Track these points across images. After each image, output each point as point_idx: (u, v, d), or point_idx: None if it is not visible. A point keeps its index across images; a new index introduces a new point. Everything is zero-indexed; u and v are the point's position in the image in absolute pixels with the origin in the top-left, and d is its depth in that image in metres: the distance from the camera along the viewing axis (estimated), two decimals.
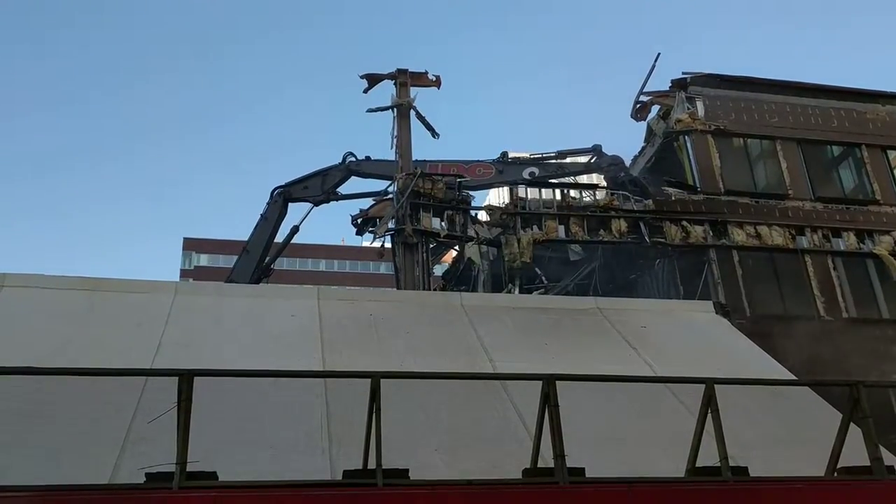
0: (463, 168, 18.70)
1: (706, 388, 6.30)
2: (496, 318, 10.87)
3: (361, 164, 18.68)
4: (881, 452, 6.56)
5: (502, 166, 18.97)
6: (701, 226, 17.43)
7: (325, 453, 6.83)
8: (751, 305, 16.55)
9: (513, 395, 8.08)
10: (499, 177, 18.91)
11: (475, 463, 6.82)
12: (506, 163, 19.07)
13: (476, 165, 18.84)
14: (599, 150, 19.41)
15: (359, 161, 18.64)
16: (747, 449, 6.96)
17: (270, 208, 18.25)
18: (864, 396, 6.58)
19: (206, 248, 59.18)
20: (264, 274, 18.03)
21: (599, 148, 19.45)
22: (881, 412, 14.23)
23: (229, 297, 10.88)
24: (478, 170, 18.78)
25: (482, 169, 18.82)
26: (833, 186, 19.32)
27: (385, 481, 5.50)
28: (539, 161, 19.40)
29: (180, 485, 5.17)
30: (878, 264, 17.84)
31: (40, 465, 5.99)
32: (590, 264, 18.79)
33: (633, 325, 11.16)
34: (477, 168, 18.80)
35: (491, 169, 18.88)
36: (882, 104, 20.19)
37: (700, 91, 19.27)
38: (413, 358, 9.13)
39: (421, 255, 16.50)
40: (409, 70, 18.81)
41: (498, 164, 18.97)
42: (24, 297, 9.51)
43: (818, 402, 9.18)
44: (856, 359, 15.87)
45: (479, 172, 18.76)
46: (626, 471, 6.30)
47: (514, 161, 19.26)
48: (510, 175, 19.05)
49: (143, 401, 6.93)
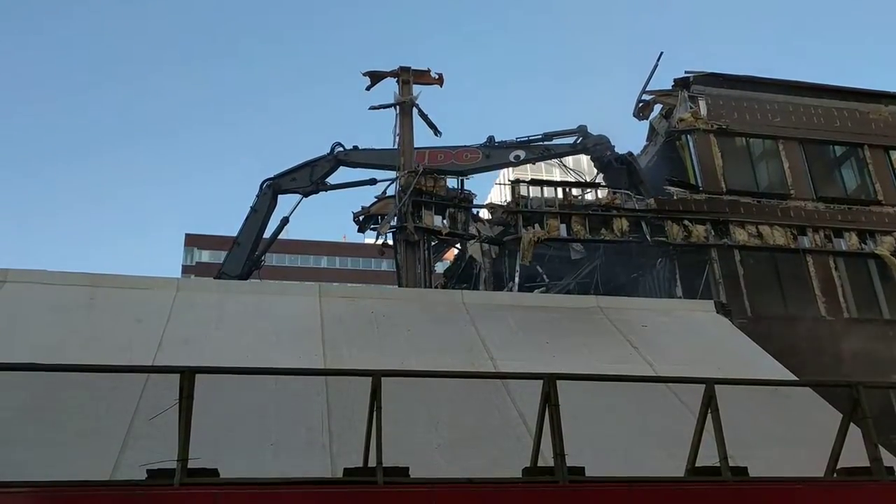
0: (450, 154, 18.59)
1: (706, 387, 6.31)
2: (497, 317, 10.88)
3: (349, 154, 18.62)
4: (881, 453, 6.56)
5: (489, 150, 18.78)
6: (703, 225, 17.40)
7: (326, 451, 6.85)
8: (752, 305, 16.53)
9: (513, 394, 8.09)
10: (486, 161, 18.77)
11: (475, 461, 6.83)
12: (492, 147, 18.87)
13: (463, 151, 18.72)
14: (585, 131, 19.16)
15: (347, 151, 18.57)
16: (747, 449, 6.97)
17: (260, 200, 18.26)
18: (864, 397, 6.58)
19: (208, 244, 59.10)
20: (255, 266, 18.02)
21: (585, 128, 19.21)
22: (881, 413, 14.21)
23: (231, 293, 10.89)
24: (465, 155, 18.66)
25: (469, 154, 18.70)
26: (835, 186, 19.28)
27: (385, 479, 5.51)
28: (525, 144, 19.23)
29: (181, 481, 5.18)
30: (880, 265, 17.81)
31: (41, 461, 6.01)
32: (591, 263, 18.76)
33: (634, 324, 11.17)
34: (464, 153, 18.69)
35: (478, 154, 18.75)
36: (885, 104, 20.13)
37: (703, 90, 19.23)
38: (414, 356, 9.14)
39: (423, 253, 16.50)
40: (412, 68, 18.78)
41: (484, 149, 18.77)
42: (26, 293, 9.53)
43: (818, 403, 9.19)
44: (856, 359, 15.86)
45: (466, 157, 18.63)
46: (626, 470, 6.31)
47: (501, 144, 19.11)
48: (497, 159, 18.97)
49: (145, 397, 6.95)
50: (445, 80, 18.85)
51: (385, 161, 18.30)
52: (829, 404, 9.02)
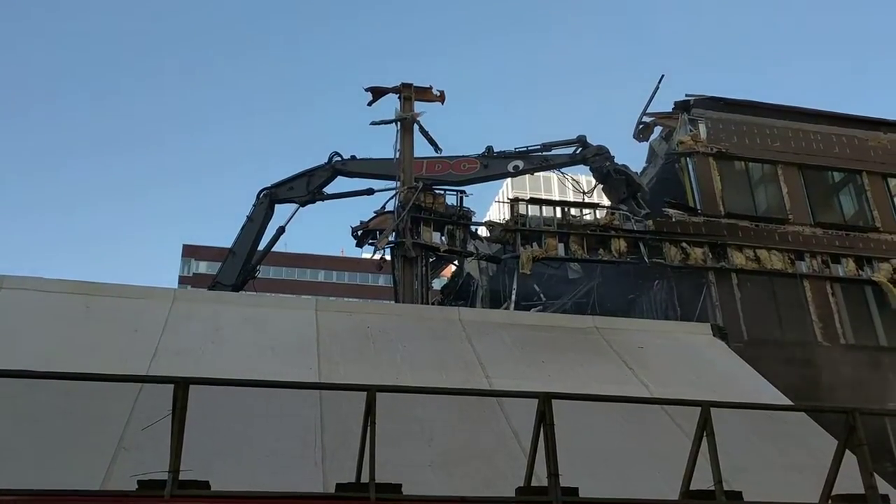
0: (447, 163, 18.53)
1: (702, 410, 6.28)
2: (494, 334, 10.86)
3: (347, 164, 18.57)
4: (875, 481, 6.53)
5: (487, 160, 18.68)
6: (700, 248, 17.43)
7: (319, 465, 6.81)
8: (748, 329, 16.53)
9: (508, 412, 8.05)
10: (484, 171, 18.68)
11: (469, 479, 6.80)
12: (490, 157, 18.78)
13: (461, 161, 18.67)
14: (584, 141, 19.04)
15: (344, 160, 18.51)
16: (742, 473, 6.95)
17: (256, 210, 18.21)
18: (860, 424, 6.55)
19: (205, 255, 59.06)
20: (250, 276, 17.97)
21: (584, 139, 19.08)
22: (877, 440, 14.19)
23: (227, 305, 10.86)
24: (462, 165, 18.61)
25: (467, 164, 18.65)
26: (833, 212, 19.34)
27: (378, 495, 5.48)
28: (524, 154, 19.18)
29: (172, 493, 5.14)
30: (877, 291, 17.83)
31: (32, 470, 5.97)
32: (588, 283, 18.76)
33: (631, 345, 11.14)
34: (462, 163, 18.63)
35: (476, 164, 18.69)
36: (884, 132, 20.25)
37: (703, 113, 19.34)
38: (409, 372, 9.11)
39: (420, 269, 16.49)
40: (414, 84, 18.84)
41: (483, 159, 18.71)
42: (21, 300, 9.49)
43: (814, 428, 9.16)
44: (852, 385, 15.84)
45: (464, 167, 18.58)
46: (620, 491, 6.28)
47: (499, 155, 19.06)
48: (495, 169, 18.87)
49: (138, 408, 6.90)
50: (447, 97, 18.91)
51: (382, 171, 18.27)
52: (824, 430, 9.00)
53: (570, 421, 6.42)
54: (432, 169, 18.29)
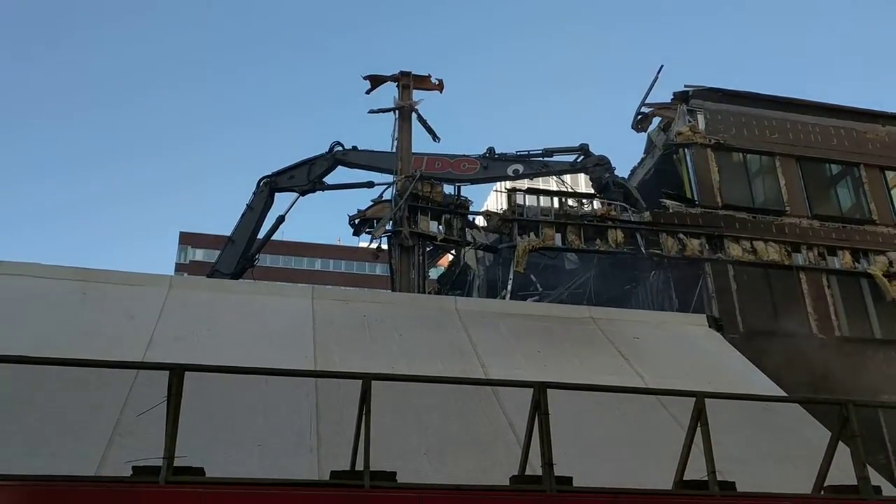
0: (448, 162, 18.53)
1: (696, 401, 6.30)
2: (490, 324, 10.87)
3: (348, 154, 18.57)
4: (868, 472, 6.57)
5: (487, 162, 18.68)
6: (697, 239, 17.43)
7: (314, 453, 6.82)
8: (744, 320, 16.55)
9: (503, 402, 8.08)
10: (483, 172, 18.69)
11: (463, 468, 6.82)
12: (491, 159, 18.79)
13: (461, 160, 18.67)
14: (586, 150, 19.05)
15: (345, 150, 18.52)
16: (735, 464, 6.98)
17: (256, 198, 18.18)
18: (854, 415, 6.58)
19: (202, 242, 59.02)
20: (249, 265, 17.96)
21: (587, 147, 19.10)
22: (870, 431, 14.25)
23: (224, 292, 10.85)
24: (463, 164, 18.60)
25: (467, 164, 18.64)
26: (830, 204, 19.34)
27: (372, 483, 5.49)
28: (525, 158, 19.18)
29: (167, 479, 5.15)
30: (873, 284, 17.85)
31: (26, 455, 5.98)
32: (585, 273, 18.77)
33: (626, 335, 11.17)
34: (462, 163, 18.63)
35: (476, 164, 18.69)
36: (882, 124, 20.23)
37: (701, 104, 19.29)
38: (405, 360, 9.12)
39: (417, 258, 16.48)
40: (412, 73, 18.77)
41: (483, 160, 18.71)
42: (16, 286, 9.47)
43: (808, 420, 9.20)
44: (847, 377, 15.88)
45: (464, 167, 18.57)
46: (613, 481, 6.30)
47: (500, 157, 19.07)
48: (495, 171, 18.87)
49: (133, 394, 6.92)
50: (446, 87, 18.86)
51: (382, 164, 18.26)
52: (817, 422, 9.04)
53: (565, 410, 6.45)
54: (432, 166, 18.27)
